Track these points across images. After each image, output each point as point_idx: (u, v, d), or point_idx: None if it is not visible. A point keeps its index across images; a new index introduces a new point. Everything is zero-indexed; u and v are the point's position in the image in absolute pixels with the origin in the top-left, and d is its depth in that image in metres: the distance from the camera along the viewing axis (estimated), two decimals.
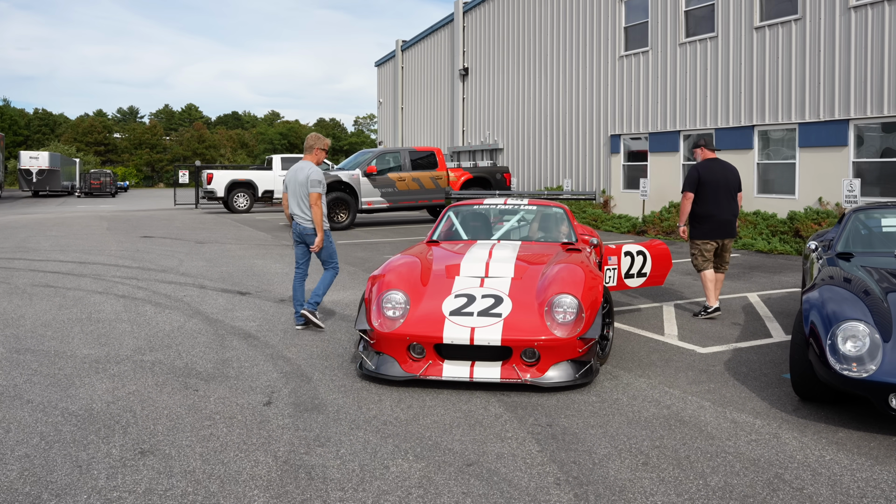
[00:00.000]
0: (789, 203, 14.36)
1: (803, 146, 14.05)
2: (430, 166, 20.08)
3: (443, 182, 20.12)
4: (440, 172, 20.15)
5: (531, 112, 23.22)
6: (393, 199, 19.24)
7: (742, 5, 15.26)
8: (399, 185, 19.33)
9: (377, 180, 18.92)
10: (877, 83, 12.60)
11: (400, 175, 19.35)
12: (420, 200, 19.72)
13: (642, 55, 18.38)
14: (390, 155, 19.61)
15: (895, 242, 6.07)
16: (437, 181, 20.01)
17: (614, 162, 19.90)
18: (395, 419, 4.64)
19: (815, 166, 13.84)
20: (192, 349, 6.36)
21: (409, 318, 5.44)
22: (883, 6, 12.43)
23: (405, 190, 19.43)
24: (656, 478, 3.81)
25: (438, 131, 29.07)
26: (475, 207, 7.93)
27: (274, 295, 9.05)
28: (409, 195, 19.54)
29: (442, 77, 28.51)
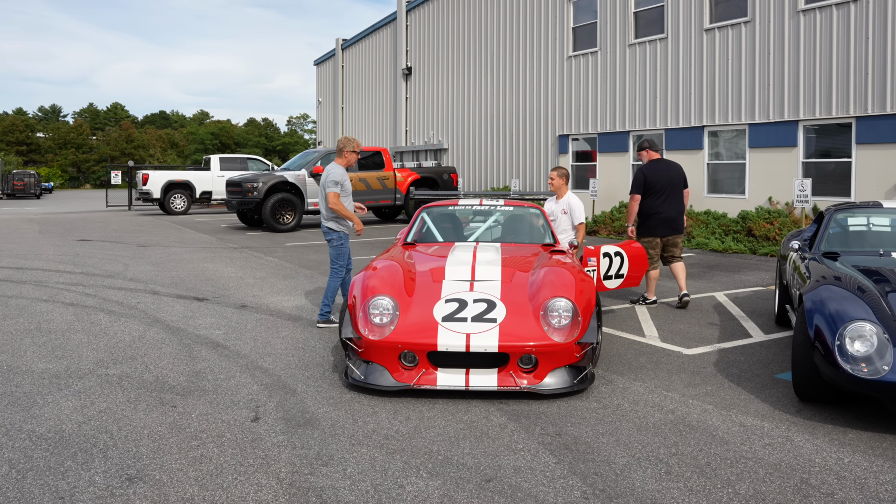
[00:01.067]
0: (740, 203, 14.61)
1: (753, 147, 14.32)
2: (377, 166, 19.76)
3: (390, 182, 19.84)
4: (387, 173, 19.85)
5: (477, 112, 23.12)
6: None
7: (692, 8, 15.47)
8: None
9: None
10: (825, 85, 12.92)
11: None
12: (367, 201, 19.36)
13: (591, 56, 18.48)
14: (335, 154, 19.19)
15: (877, 241, 6.13)
16: (384, 181, 19.71)
17: (563, 162, 19.95)
18: (397, 433, 4.38)
19: (764, 166, 14.12)
20: (159, 361, 5.95)
21: (399, 324, 5.18)
22: (831, 10, 12.75)
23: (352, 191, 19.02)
24: (684, 487, 3.66)
25: (380, 131, 28.71)
26: (450, 208, 7.71)
27: (233, 301, 8.63)
28: (357, 196, 19.16)
29: (384, 76, 28.16)
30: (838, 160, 12.87)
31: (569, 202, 7.98)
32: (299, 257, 12.77)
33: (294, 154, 77.88)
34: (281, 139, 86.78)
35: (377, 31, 28.41)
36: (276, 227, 17.57)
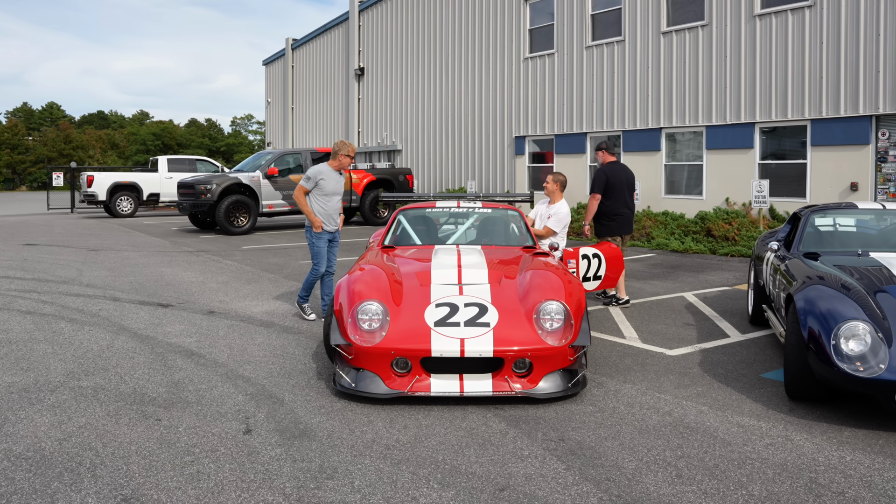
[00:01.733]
0: (697, 203, 14.86)
1: (710, 148, 14.58)
2: None
3: (345, 184, 19.57)
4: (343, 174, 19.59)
5: (432, 113, 23.04)
6: (294, 203, 18.49)
7: (649, 11, 15.67)
8: None
9: (278, 182, 18.16)
10: (781, 88, 13.22)
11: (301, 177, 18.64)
12: None
13: (548, 57, 18.58)
14: (291, 156, 18.88)
15: (854, 241, 6.25)
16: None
17: (519, 163, 20.03)
18: (397, 442, 4.26)
19: (721, 168, 14.39)
20: (133, 371, 5.69)
21: (390, 330, 5.05)
22: (786, 15, 13.07)
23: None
24: (698, 490, 3.64)
25: (332, 132, 28.38)
26: (427, 210, 7.60)
27: (199, 306, 8.36)
28: None
29: (336, 77, 27.85)
30: (794, 162, 13.19)
31: (558, 209, 7.97)
32: (259, 260, 12.49)
33: (238, 155, 76.55)
34: (225, 140, 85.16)
35: (328, 31, 28.08)
36: (230, 230, 17.18)
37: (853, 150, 12.11)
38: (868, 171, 11.94)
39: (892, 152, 11.71)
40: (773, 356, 6.22)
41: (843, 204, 6.72)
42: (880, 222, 6.40)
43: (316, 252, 7.51)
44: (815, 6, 12.57)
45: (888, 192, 11.74)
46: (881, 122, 11.86)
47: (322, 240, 7.55)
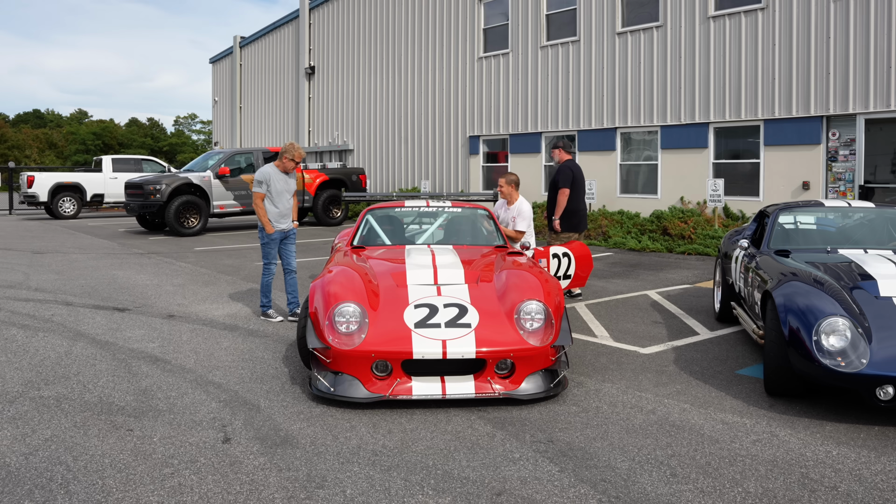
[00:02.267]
0: (652, 203, 15.05)
1: (665, 148, 14.78)
2: None
3: (298, 184, 19.27)
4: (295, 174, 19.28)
5: (385, 112, 22.87)
6: (246, 203, 18.16)
7: (604, 11, 15.81)
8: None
9: (230, 183, 17.77)
10: (735, 89, 13.47)
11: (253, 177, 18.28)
12: None
13: (502, 57, 18.60)
14: (242, 156, 18.51)
15: (822, 239, 6.36)
16: None
17: (473, 163, 20.02)
18: (384, 448, 4.14)
19: (676, 167, 14.60)
20: (97, 379, 5.43)
21: (370, 333, 4.92)
22: (739, 17, 13.32)
23: None
24: (694, 489, 3.62)
25: (282, 131, 27.94)
26: (396, 210, 7.48)
27: (157, 310, 8.07)
28: None
29: (286, 75, 27.42)
30: (747, 161, 13.46)
31: (520, 208, 7.95)
32: (214, 262, 12.17)
33: (182, 155, 74.84)
34: (168, 140, 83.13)
35: (278, 29, 27.63)
36: (180, 232, 16.73)
37: (805, 150, 12.42)
38: (819, 171, 12.26)
39: (842, 152, 12.04)
40: (745, 352, 6.29)
41: (811, 202, 6.84)
42: (846, 220, 6.53)
43: (267, 252, 7.59)
44: (767, 8, 12.85)
45: (839, 190, 12.06)
46: (832, 123, 12.18)
47: (275, 240, 7.58)
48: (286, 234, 7.71)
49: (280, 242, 7.66)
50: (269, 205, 7.57)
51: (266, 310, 7.67)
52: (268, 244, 7.59)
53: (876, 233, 6.31)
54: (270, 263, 7.62)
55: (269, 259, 7.62)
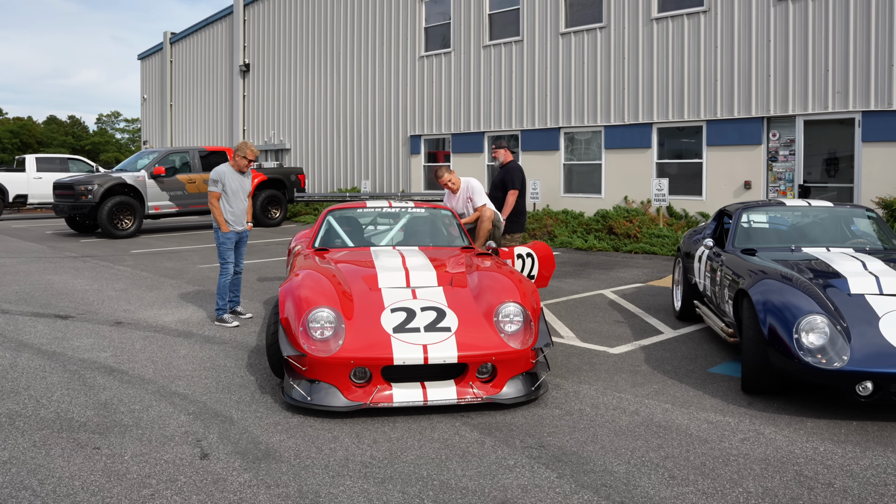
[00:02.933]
0: (596, 202, 15.21)
1: (609, 148, 14.96)
2: None
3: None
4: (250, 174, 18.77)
5: (323, 111, 22.50)
6: (183, 203, 17.60)
7: (548, 12, 15.89)
8: (189, 188, 17.70)
9: (165, 183, 17.16)
10: (678, 90, 13.73)
11: (190, 177, 17.73)
12: None
13: (444, 56, 18.53)
14: (177, 155, 17.90)
15: (785, 237, 6.48)
16: None
17: (414, 162, 19.88)
18: (372, 459, 3.98)
19: (620, 167, 14.79)
20: (50, 393, 5.08)
21: (347, 338, 4.75)
22: (682, 19, 13.58)
23: (196, 193, 17.83)
24: (696, 490, 3.59)
25: (215, 130, 27.20)
26: (358, 211, 7.29)
27: (103, 317, 7.66)
28: (201, 199, 17.98)
29: (219, 73, 26.69)
30: (690, 161, 13.74)
31: (469, 186, 7.82)
32: (154, 265, 11.68)
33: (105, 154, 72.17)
34: (90, 139, 79.97)
35: (211, 26, 26.87)
36: (113, 234, 16.05)
37: (746, 150, 12.75)
38: (760, 170, 12.60)
39: (782, 152, 12.41)
40: (713, 350, 6.35)
41: (772, 202, 6.97)
42: (805, 218, 6.68)
43: (224, 252, 7.43)
44: (709, 11, 13.14)
45: (779, 189, 12.43)
46: (772, 124, 12.54)
47: (231, 240, 7.46)
48: (240, 236, 7.52)
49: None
50: (224, 204, 7.37)
51: (221, 314, 7.45)
52: (224, 244, 7.42)
53: (835, 231, 6.47)
54: (227, 264, 7.45)
55: (225, 260, 7.44)
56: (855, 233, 6.44)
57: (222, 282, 7.45)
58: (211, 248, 14.30)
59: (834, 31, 11.67)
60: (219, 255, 7.47)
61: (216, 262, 12.23)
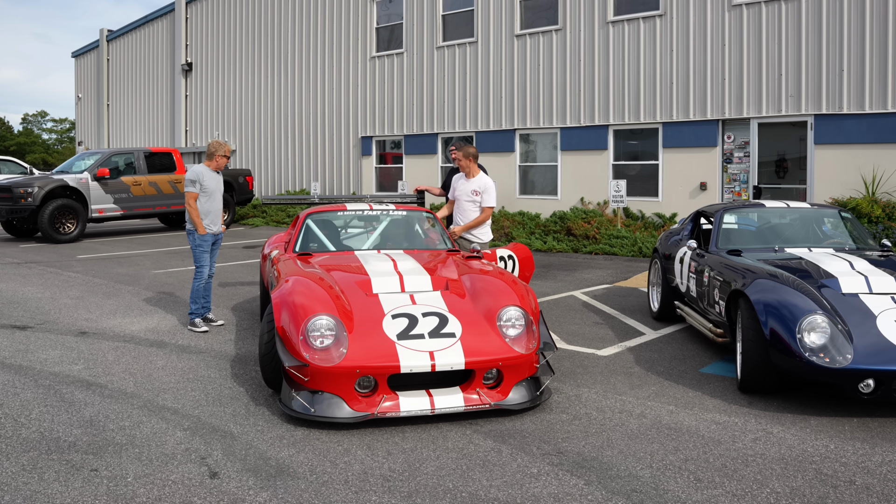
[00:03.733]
0: (552, 203, 15.30)
1: (565, 149, 15.06)
2: (168, 169, 18.06)
3: (182, 186, 18.24)
4: (179, 176, 18.21)
5: (270, 112, 22.05)
6: (128, 206, 16.98)
7: (502, 13, 15.92)
8: (134, 191, 17.10)
9: (109, 185, 16.53)
10: (634, 92, 13.92)
11: (135, 179, 17.13)
12: (158, 207, 17.67)
13: (396, 57, 18.38)
14: (121, 156, 17.27)
15: (767, 238, 6.59)
16: (176, 185, 18.06)
17: (366, 164, 19.67)
18: (392, 472, 3.85)
19: (576, 168, 14.92)
20: (27, 411, 4.77)
21: (352, 347, 4.60)
22: (638, 23, 13.77)
23: (141, 196, 17.25)
24: (725, 493, 3.58)
25: (156, 131, 26.37)
26: (339, 214, 7.11)
27: (64, 327, 7.28)
28: (147, 201, 17.40)
29: (160, 72, 25.88)
30: (646, 163, 13.95)
31: (483, 183, 7.50)
32: (106, 271, 11.20)
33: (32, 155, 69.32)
34: (15, 139, 76.70)
35: (151, 23, 26.02)
36: (55, 238, 15.36)
37: (702, 152, 13.01)
38: (716, 172, 12.88)
39: (736, 154, 12.71)
40: (699, 351, 6.41)
41: (752, 203, 7.09)
42: (784, 219, 6.81)
43: (200, 255, 7.24)
44: (665, 15, 13.37)
45: (734, 191, 12.73)
46: (727, 126, 12.83)
47: (208, 243, 7.28)
48: (216, 238, 7.34)
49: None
50: (202, 205, 7.17)
51: (194, 318, 7.25)
52: (201, 247, 7.22)
53: (813, 232, 6.62)
54: (202, 267, 7.25)
55: (201, 263, 7.25)
56: (832, 233, 6.60)
57: (196, 286, 7.24)
58: (163, 252, 13.83)
59: (787, 36, 12.01)
60: (194, 258, 7.25)
61: (172, 267, 11.85)
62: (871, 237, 6.59)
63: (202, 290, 7.30)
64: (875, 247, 6.39)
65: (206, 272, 7.28)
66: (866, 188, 11.01)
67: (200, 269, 7.24)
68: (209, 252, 7.30)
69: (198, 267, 7.25)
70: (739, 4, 12.51)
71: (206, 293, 7.37)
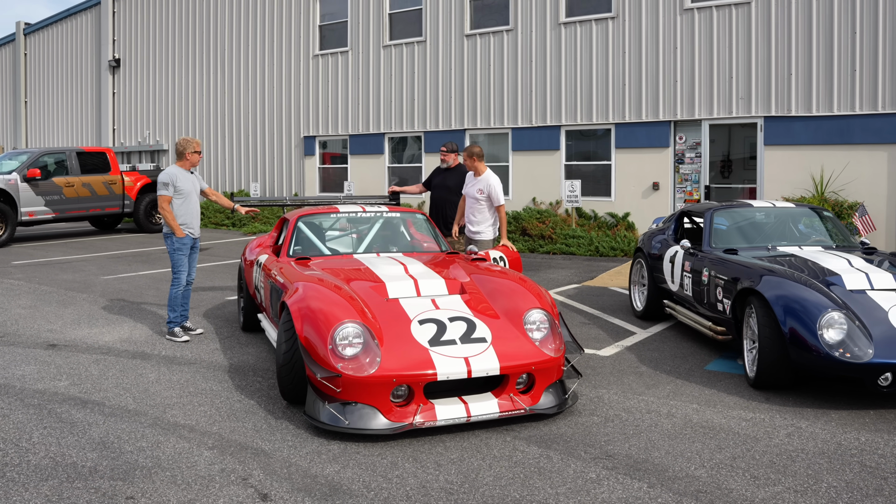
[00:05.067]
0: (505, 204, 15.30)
1: (517, 150, 15.13)
2: (102, 169, 17.24)
3: (117, 188, 17.44)
4: (114, 176, 17.42)
5: (206, 110, 21.34)
6: (60, 209, 16.13)
7: (452, 13, 15.85)
8: (67, 192, 16.25)
9: (40, 186, 15.66)
10: (586, 94, 14.08)
11: (68, 180, 16.28)
12: (92, 209, 16.86)
13: (341, 55, 18.07)
14: (51, 156, 16.39)
15: (758, 237, 6.75)
16: (110, 186, 17.28)
17: (308, 164, 19.28)
18: (452, 485, 3.73)
19: (528, 168, 15.00)
20: (28, 435, 4.41)
21: (385, 355, 4.44)
22: (591, 24, 13.94)
23: (74, 197, 16.42)
24: (786, 489, 3.63)
25: (80, 129, 25.13)
26: (331, 216, 6.89)
27: (28, 339, 6.82)
28: (80, 203, 16.58)
29: (84, 68, 24.66)
30: (599, 163, 14.14)
31: (488, 181, 7.55)
32: (51, 278, 10.57)
33: None
34: None
35: (74, 17, 24.74)
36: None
37: (654, 153, 13.29)
38: (668, 172, 13.17)
39: (688, 154, 13.04)
40: (696, 348, 6.50)
41: (739, 203, 7.25)
42: (769, 218, 6.99)
43: (178, 260, 6.94)
44: (617, 18, 13.57)
45: (686, 190, 13.05)
46: (678, 127, 13.14)
47: (185, 247, 6.97)
48: (194, 242, 7.06)
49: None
50: (177, 208, 6.88)
51: (172, 327, 6.93)
52: (179, 251, 6.91)
53: (800, 231, 6.82)
54: (180, 273, 6.94)
55: (179, 268, 6.94)
56: (817, 232, 6.82)
57: (174, 293, 6.92)
58: (105, 256, 13.17)
59: (737, 41, 12.39)
60: (172, 263, 6.93)
61: (121, 272, 11.29)
62: (850, 236, 6.84)
63: (180, 298, 6.97)
64: (857, 245, 6.63)
65: (185, 278, 6.96)
66: (816, 188, 11.47)
67: (178, 276, 6.92)
68: (187, 256, 6.98)
69: (175, 273, 6.93)
70: (691, 9, 12.84)
71: (184, 301, 7.04)
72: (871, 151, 11.31)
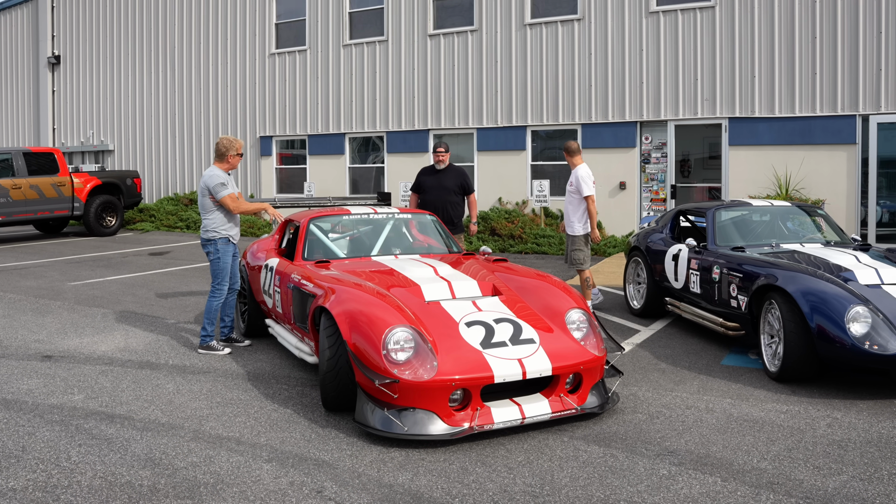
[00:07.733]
0: None
1: (482, 150, 15.19)
2: (50, 170, 16.53)
3: (66, 189, 16.76)
4: (62, 178, 16.74)
5: (154, 109, 20.68)
6: (7, 212, 15.42)
7: (414, 12, 15.79)
8: (14, 195, 15.54)
9: None
10: (552, 94, 14.23)
11: (14, 182, 15.57)
12: (41, 212, 16.19)
13: (299, 54, 17.79)
14: None
15: (760, 234, 6.96)
16: (59, 188, 16.60)
17: (265, 165, 18.92)
18: (532, 488, 3.74)
19: (494, 169, 15.08)
20: (66, 454, 4.20)
21: (441, 359, 4.41)
22: (556, 26, 14.09)
23: (22, 200, 15.71)
24: (853, 478, 3.78)
25: (17, 129, 24.02)
26: (345, 218, 6.77)
27: (18, 351, 6.49)
28: (28, 206, 15.88)
29: (21, 65, 23.57)
30: (565, 163, 14.27)
31: (576, 173, 7.65)
32: (13, 285, 10.07)
33: None
34: None
35: (8, 11, 23.58)
36: None
37: (621, 153, 13.54)
38: (635, 172, 13.45)
39: (654, 154, 13.33)
40: (704, 344, 6.65)
41: (738, 202, 7.45)
42: (764, 217, 7.22)
43: (222, 268, 6.45)
44: (583, 20, 13.77)
45: (652, 190, 13.35)
46: (645, 128, 13.43)
47: (229, 253, 6.52)
48: (236, 249, 6.67)
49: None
50: (220, 214, 6.48)
51: (209, 340, 6.46)
52: (223, 258, 6.44)
53: (798, 228, 7.07)
54: (222, 283, 6.46)
55: (222, 277, 6.46)
56: (814, 229, 7.08)
57: (215, 304, 6.45)
58: (63, 262, 12.63)
59: (702, 43, 12.74)
60: (214, 272, 6.46)
61: (87, 278, 10.86)
62: (843, 233, 7.12)
63: (221, 309, 6.57)
64: (851, 241, 6.91)
65: (226, 288, 6.50)
66: (780, 187, 11.90)
67: (220, 286, 6.44)
68: (230, 264, 6.52)
69: (217, 282, 6.45)
70: (656, 11, 13.13)
71: (229, 310, 6.65)
72: (832, 151, 11.80)
